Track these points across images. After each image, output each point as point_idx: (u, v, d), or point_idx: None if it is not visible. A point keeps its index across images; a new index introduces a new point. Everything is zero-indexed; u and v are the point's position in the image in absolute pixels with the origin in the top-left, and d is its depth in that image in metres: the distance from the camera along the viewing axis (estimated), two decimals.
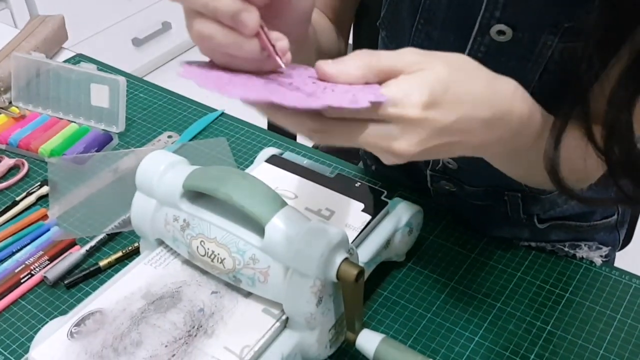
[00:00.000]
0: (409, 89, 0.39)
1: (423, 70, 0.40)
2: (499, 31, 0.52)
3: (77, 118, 0.88)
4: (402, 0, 0.58)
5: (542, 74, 0.50)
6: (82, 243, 0.71)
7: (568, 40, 0.51)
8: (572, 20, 0.50)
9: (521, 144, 0.48)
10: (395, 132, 0.39)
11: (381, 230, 0.63)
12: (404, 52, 0.41)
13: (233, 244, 0.53)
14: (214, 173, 0.56)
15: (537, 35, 0.51)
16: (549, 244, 0.67)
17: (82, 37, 2.10)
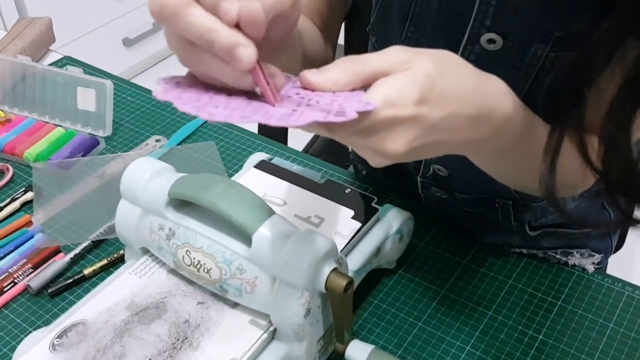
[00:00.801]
0: (400, 88, 0.38)
1: (411, 69, 0.39)
2: (490, 40, 0.51)
3: (63, 122, 0.87)
4: (392, 6, 0.57)
5: (533, 83, 0.49)
6: (67, 250, 0.69)
7: (559, 49, 0.50)
8: (563, 29, 0.49)
9: (506, 143, 0.48)
10: (386, 133, 0.38)
11: (371, 237, 0.62)
12: (389, 52, 0.40)
13: (219, 254, 0.52)
14: (200, 181, 0.55)
15: (527, 44, 0.51)
16: (541, 251, 0.66)
17: (72, 37, 2.08)
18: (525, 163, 0.51)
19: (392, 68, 0.39)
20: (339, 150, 1.04)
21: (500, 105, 0.44)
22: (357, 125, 0.37)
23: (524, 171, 0.51)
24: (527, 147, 0.50)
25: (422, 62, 0.39)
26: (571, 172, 0.48)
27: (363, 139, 0.39)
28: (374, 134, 0.38)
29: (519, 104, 0.47)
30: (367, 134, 0.38)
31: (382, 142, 0.39)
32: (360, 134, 0.38)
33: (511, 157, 0.51)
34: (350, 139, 0.40)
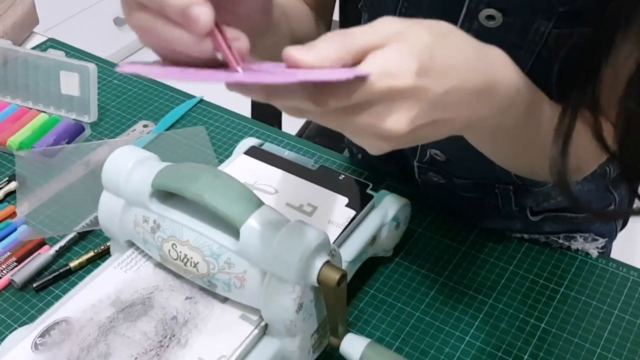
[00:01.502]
0: (396, 57, 0.34)
1: (406, 39, 0.35)
2: (488, 16, 0.48)
3: (47, 107, 0.84)
4: None
5: (535, 62, 0.46)
6: (52, 242, 0.67)
7: (563, 25, 0.47)
8: (567, 4, 0.46)
9: (511, 119, 0.44)
10: (384, 109, 0.35)
11: (367, 226, 0.59)
12: (380, 24, 0.36)
13: (207, 247, 0.50)
14: (185, 171, 0.52)
15: (529, 21, 0.47)
16: (543, 235, 0.64)
17: (63, 17, 2.04)
18: (530, 144, 0.48)
19: (385, 40, 0.35)
20: (334, 131, 1.01)
21: (505, 77, 0.40)
22: (350, 97, 0.33)
23: (528, 153, 0.48)
24: (532, 126, 0.46)
25: (418, 32, 0.35)
26: (580, 155, 0.45)
27: (359, 117, 0.35)
28: (371, 111, 0.35)
29: (523, 76, 0.43)
30: (364, 110, 0.35)
31: (382, 121, 0.35)
32: (357, 110, 0.34)
33: (515, 136, 0.47)
34: (344, 120, 0.35)
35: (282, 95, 0.34)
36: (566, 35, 0.47)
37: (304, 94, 0.33)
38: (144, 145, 0.79)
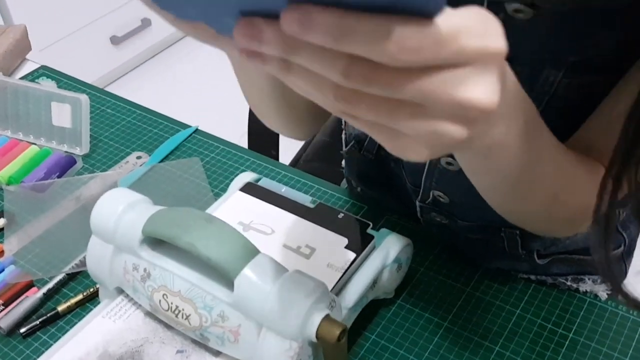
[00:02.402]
0: (483, 17, 0.28)
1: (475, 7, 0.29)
2: None
3: (37, 139, 0.82)
4: None
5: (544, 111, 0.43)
6: (40, 283, 0.64)
7: (574, 75, 0.45)
8: (578, 54, 0.44)
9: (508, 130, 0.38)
10: (466, 74, 0.28)
11: (367, 269, 0.57)
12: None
13: (199, 299, 0.47)
14: (177, 217, 0.50)
15: (537, 70, 0.45)
16: (550, 277, 0.61)
17: (61, 35, 2.02)
18: (527, 178, 0.44)
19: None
20: (332, 154, 0.99)
21: (510, 76, 0.35)
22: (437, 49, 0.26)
23: (524, 191, 0.45)
24: (530, 152, 0.41)
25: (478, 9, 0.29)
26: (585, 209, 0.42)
27: (437, 81, 0.27)
28: (456, 74, 0.27)
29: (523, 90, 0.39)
30: (444, 72, 0.27)
31: (470, 89, 0.28)
32: (435, 72, 0.27)
33: (511, 162, 0.42)
34: (416, 86, 0.27)
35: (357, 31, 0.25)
36: (577, 85, 0.45)
37: (386, 28, 0.25)
38: (137, 179, 0.77)
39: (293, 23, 0.25)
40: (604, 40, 0.43)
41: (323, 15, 0.24)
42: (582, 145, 0.47)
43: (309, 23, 0.25)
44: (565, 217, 0.48)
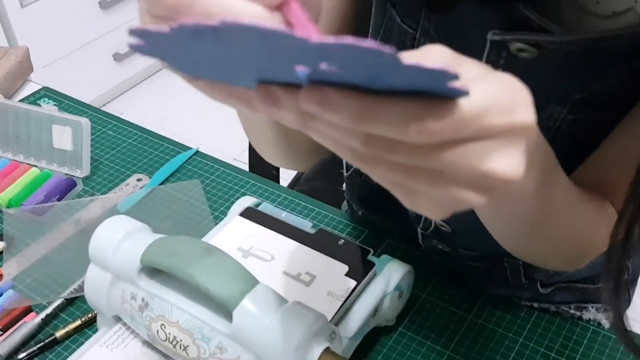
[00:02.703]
0: (510, 87, 0.28)
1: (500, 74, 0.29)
2: None
3: (38, 161, 0.82)
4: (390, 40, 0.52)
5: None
6: (38, 308, 0.64)
7: (579, 111, 0.44)
8: (583, 91, 0.43)
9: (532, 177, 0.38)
10: (491, 147, 0.27)
11: (368, 297, 0.56)
12: (434, 50, 0.28)
13: (197, 330, 0.47)
14: (175, 246, 0.49)
15: (542, 106, 0.45)
16: (553, 305, 0.60)
17: (63, 53, 2.03)
18: (539, 220, 0.45)
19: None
20: (333, 172, 0.98)
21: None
22: (460, 126, 0.25)
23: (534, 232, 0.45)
24: (544, 193, 0.41)
25: (483, 66, 0.29)
26: (594, 248, 0.42)
27: (458, 154, 0.27)
28: (477, 147, 0.27)
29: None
30: (467, 145, 0.26)
31: (493, 161, 0.27)
32: (457, 146, 0.26)
33: (530, 206, 0.42)
34: (434, 158, 0.27)
35: (378, 117, 0.25)
36: (582, 121, 0.45)
37: (407, 113, 0.25)
38: (137, 201, 0.77)
39: (312, 103, 0.24)
40: (608, 78, 0.42)
41: (342, 98, 0.24)
42: (589, 181, 0.46)
43: (328, 105, 0.24)
44: (573, 254, 0.48)
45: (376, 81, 0.24)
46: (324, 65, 0.23)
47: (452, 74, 0.23)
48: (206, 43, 0.24)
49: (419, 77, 0.24)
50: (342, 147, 0.28)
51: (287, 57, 0.23)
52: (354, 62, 0.23)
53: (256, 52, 0.24)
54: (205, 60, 0.26)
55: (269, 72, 0.25)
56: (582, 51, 0.41)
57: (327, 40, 0.21)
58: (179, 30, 0.23)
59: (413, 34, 0.48)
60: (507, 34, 0.41)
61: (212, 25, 0.22)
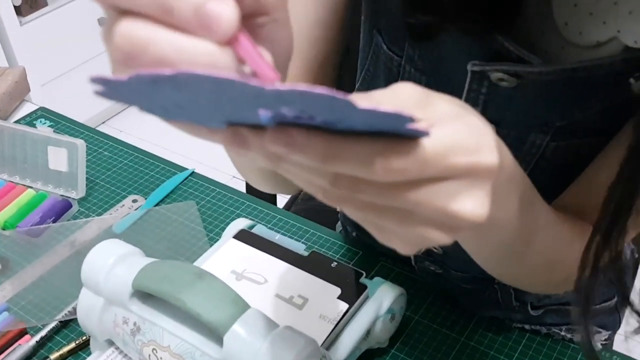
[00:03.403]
0: (474, 129, 0.29)
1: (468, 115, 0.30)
2: None
3: (34, 182, 0.82)
4: (378, 76, 0.53)
5: (532, 173, 0.44)
6: (33, 330, 0.64)
7: (561, 139, 0.45)
8: (565, 119, 0.44)
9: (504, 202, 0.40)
10: (462, 187, 0.28)
11: (360, 320, 0.56)
12: (403, 89, 0.29)
13: (189, 354, 0.47)
14: (167, 271, 0.50)
15: (524, 133, 0.46)
16: (544, 327, 0.61)
17: (61, 71, 2.04)
18: (524, 245, 0.45)
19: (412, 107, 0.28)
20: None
21: (507, 155, 0.35)
22: (424, 166, 0.26)
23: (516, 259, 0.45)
24: (527, 222, 0.42)
25: (457, 103, 0.30)
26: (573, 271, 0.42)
27: (425, 195, 0.27)
28: (443, 189, 0.28)
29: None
30: (433, 186, 0.27)
31: (458, 203, 0.28)
32: (423, 186, 0.27)
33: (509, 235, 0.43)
34: (403, 198, 0.27)
35: (342, 156, 0.25)
36: (564, 148, 0.45)
37: (372, 152, 0.25)
38: (132, 223, 0.77)
39: (279, 144, 0.25)
40: (589, 106, 0.43)
41: (308, 139, 0.24)
42: (573, 207, 0.47)
43: (294, 145, 0.25)
44: (558, 278, 0.48)
45: (338, 124, 0.25)
46: (285, 109, 0.23)
47: (407, 116, 0.24)
48: (166, 90, 0.24)
49: (376, 120, 0.24)
50: (312, 187, 0.28)
51: (247, 102, 0.23)
52: (311, 107, 0.23)
53: (216, 98, 0.24)
54: (170, 104, 0.26)
55: (233, 116, 0.26)
56: (562, 81, 0.42)
57: (281, 87, 0.22)
58: (136, 79, 0.23)
59: (399, 61, 0.49)
60: (487, 64, 0.42)
61: (168, 75, 0.22)
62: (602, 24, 0.40)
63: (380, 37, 0.50)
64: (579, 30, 0.42)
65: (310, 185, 0.28)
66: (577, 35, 0.42)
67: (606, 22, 0.40)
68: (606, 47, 0.41)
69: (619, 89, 0.41)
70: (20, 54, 1.91)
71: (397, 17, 0.47)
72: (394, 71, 0.50)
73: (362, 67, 0.55)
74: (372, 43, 0.51)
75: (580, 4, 0.41)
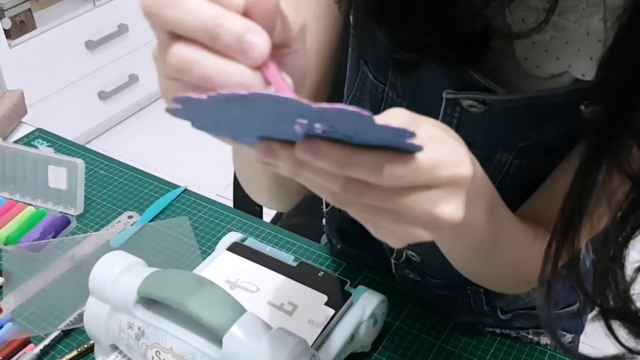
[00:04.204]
0: (454, 148, 0.35)
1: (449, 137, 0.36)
2: None
3: (34, 200, 0.86)
4: (364, 100, 0.58)
5: (498, 187, 0.50)
6: (37, 340, 0.68)
7: (523, 157, 0.52)
8: (526, 140, 0.51)
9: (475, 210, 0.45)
10: (443, 195, 0.34)
11: (345, 324, 0.61)
12: (395, 114, 0.35)
13: (190, 355, 0.52)
14: (170, 279, 0.54)
15: (491, 153, 0.52)
16: (513, 330, 0.66)
17: (49, 92, 2.08)
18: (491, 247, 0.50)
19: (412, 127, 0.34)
20: (314, 208, 1.04)
21: (478, 168, 0.41)
22: (417, 175, 0.33)
23: (485, 260, 0.51)
24: (494, 226, 0.48)
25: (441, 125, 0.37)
26: (533, 270, 0.49)
27: (414, 200, 0.34)
28: (429, 195, 0.34)
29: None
30: (421, 193, 0.34)
31: (439, 207, 0.34)
32: (413, 192, 0.33)
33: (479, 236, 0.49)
34: (397, 201, 0.33)
35: (356, 163, 0.32)
36: (526, 165, 0.52)
37: (379, 161, 0.32)
38: (128, 238, 0.81)
39: (306, 152, 0.31)
40: (547, 129, 0.49)
41: (331, 149, 0.31)
42: (532, 216, 0.53)
43: (319, 154, 0.31)
44: (519, 278, 0.54)
45: (354, 137, 0.31)
46: (317, 125, 0.30)
47: (411, 132, 0.31)
48: (231, 108, 0.30)
49: (386, 133, 0.31)
50: (324, 191, 0.35)
51: (290, 117, 0.30)
52: (340, 122, 0.30)
53: (268, 113, 0.30)
54: (223, 121, 0.32)
55: (271, 131, 0.32)
56: (523, 107, 0.48)
57: (323, 105, 0.28)
58: (214, 97, 0.29)
59: (383, 88, 0.55)
60: (459, 93, 0.49)
61: (242, 94, 0.29)
62: (555, 59, 0.47)
63: (367, 67, 0.56)
64: (536, 64, 0.48)
65: (322, 189, 0.35)
66: (535, 68, 0.48)
67: (559, 58, 0.47)
68: (560, 79, 0.48)
69: (571, 114, 0.47)
70: (9, 76, 1.95)
71: (382, 51, 0.53)
72: (379, 97, 0.56)
73: (349, 92, 0.61)
74: (359, 71, 0.57)
75: (537, 43, 0.47)
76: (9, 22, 1.91)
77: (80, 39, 2.14)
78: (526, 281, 0.52)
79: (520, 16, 0.47)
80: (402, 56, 0.50)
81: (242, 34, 0.30)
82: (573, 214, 0.45)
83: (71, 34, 2.11)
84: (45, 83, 2.07)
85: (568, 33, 0.46)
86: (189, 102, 0.30)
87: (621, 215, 0.44)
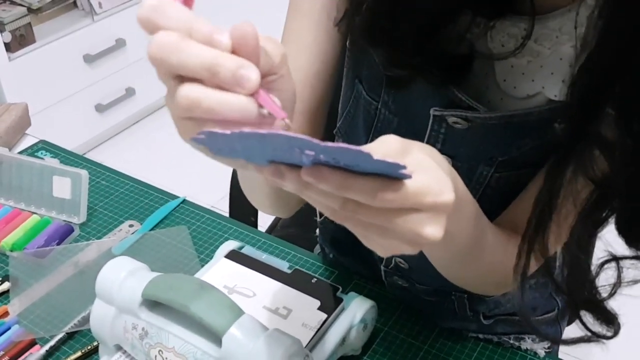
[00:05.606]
0: (438, 177, 0.40)
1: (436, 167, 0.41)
2: None
3: (38, 209, 0.90)
4: (358, 116, 0.63)
5: (480, 199, 0.54)
6: (42, 342, 0.71)
7: (503, 170, 0.56)
8: (505, 154, 0.55)
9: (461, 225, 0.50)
10: (427, 218, 0.39)
11: (337, 328, 0.65)
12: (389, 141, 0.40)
13: (191, 354, 0.55)
14: (173, 282, 0.58)
15: (473, 166, 0.57)
16: (496, 336, 0.70)
17: (47, 104, 2.11)
18: (471, 260, 0.56)
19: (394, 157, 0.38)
20: (308, 220, 1.07)
21: (460, 184, 0.47)
22: (406, 200, 0.37)
23: (470, 269, 0.56)
24: (474, 235, 0.53)
25: (431, 153, 0.42)
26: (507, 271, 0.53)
27: (402, 220, 0.39)
28: (415, 217, 0.39)
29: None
30: (408, 215, 0.38)
31: (422, 228, 0.39)
32: (402, 214, 0.38)
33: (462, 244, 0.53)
34: (388, 219, 0.39)
35: (354, 187, 0.37)
36: (506, 178, 0.56)
37: (373, 187, 0.37)
38: (129, 246, 0.85)
39: (311, 177, 0.36)
40: (524, 145, 0.54)
41: (332, 174, 0.36)
42: (509, 225, 0.58)
43: (322, 178, 0.36)
44: (497, 280, 0.59)
45: (353, 167, 0.37)
46: (322, 156, 0.36)
47: (402, 165, 0.36)
48: (249, 141, 0.37)
49: (381, 165, 0.36)
50: (325, 208, 0.40)
51: (300, 149, 0.36)
52: (343, 156, 0.35)
53: (281, 146, 0.36)
54: (240, 149, 0.39)
55: (282, 158, 0.38)
56: (502, 125, 0.53)
57: (329, 143, 0.34)
58: (237, 134, 0.35)
59: (376, 105, 0.60)
60: (445, 110, 0.53)
61: (262, 133, 0.34)
62: (531, 81, 0.51)
63: (361, 85, 0.60)
64: (514, 85, 0.52)
65: (323, 206, 0.40)
66: (513, 89, 0.53)
67: (534, 80, 0.51)
68: (535, 99, 0.52)
69: (546, 131, 0.51)
70: (9, 89, 1.98)
71: (376, 70, 0.57)
72: (372, 113, 0.60)
73: (343, 109, 0.65)
74: (353, 89, 0.62)
75: (515, 66, 0.52)
76: (9, 35, 1.95)
77: (79, 53, 2.18)
78: (506, 284, 0.56)
79: (500, 41, 0.52)
80: (394, 73, 0.55)
81: (236, 69, 0.37)
82: (544, 210, 0.50)
83: (70, 48, 2.15)
84: (44, 95, 2.10)
85: (543, 58, 0.51)
86: (214, 135, 0.37)
87: (585, 212, 0.49)
